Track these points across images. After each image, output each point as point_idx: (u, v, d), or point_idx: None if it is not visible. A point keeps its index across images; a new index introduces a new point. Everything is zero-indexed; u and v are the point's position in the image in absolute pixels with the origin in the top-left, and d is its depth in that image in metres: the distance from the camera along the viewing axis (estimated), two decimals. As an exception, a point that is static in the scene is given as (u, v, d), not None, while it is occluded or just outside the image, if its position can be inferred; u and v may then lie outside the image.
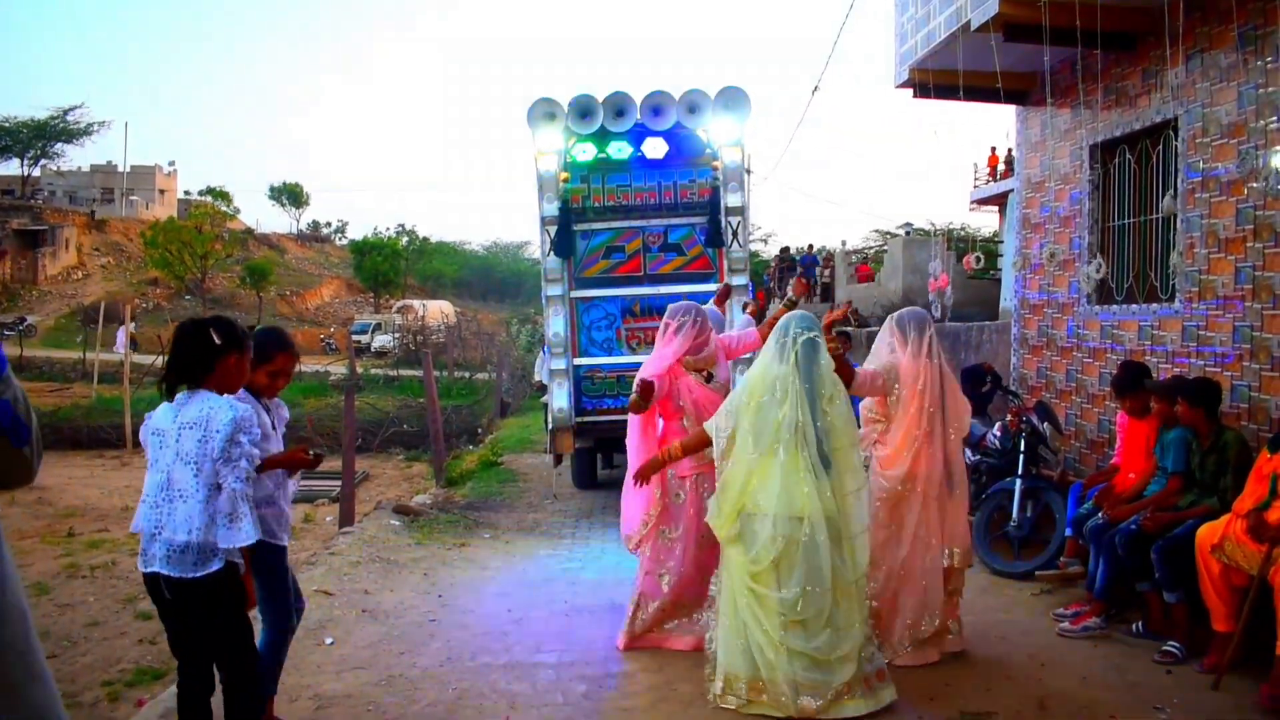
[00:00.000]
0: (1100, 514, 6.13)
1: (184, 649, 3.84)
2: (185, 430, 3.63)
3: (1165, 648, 5.38)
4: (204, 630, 3.73)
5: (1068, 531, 6.81)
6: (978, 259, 18.31)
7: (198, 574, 3.59)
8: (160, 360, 29.33)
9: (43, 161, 57.75)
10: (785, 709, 4.51)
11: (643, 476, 5.28)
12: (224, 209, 63.31)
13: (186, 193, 73.94)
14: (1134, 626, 5.80)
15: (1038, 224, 9.11)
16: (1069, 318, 8.53)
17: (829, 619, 4.57)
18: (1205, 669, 5.10)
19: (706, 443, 5.02)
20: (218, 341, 3.71)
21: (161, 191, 70.27)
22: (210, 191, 70.28)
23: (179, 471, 3.62)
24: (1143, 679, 5.11)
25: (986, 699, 4.82)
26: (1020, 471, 7.42)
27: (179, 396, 3.70)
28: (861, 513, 4.81)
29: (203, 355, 3.71)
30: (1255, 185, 6.21)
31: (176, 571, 3.59)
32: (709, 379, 5.71)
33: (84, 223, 58.80)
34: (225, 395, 3.73)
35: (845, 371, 5.22)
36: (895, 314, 5.70)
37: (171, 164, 74.04)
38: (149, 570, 3.67)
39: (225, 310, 50.20)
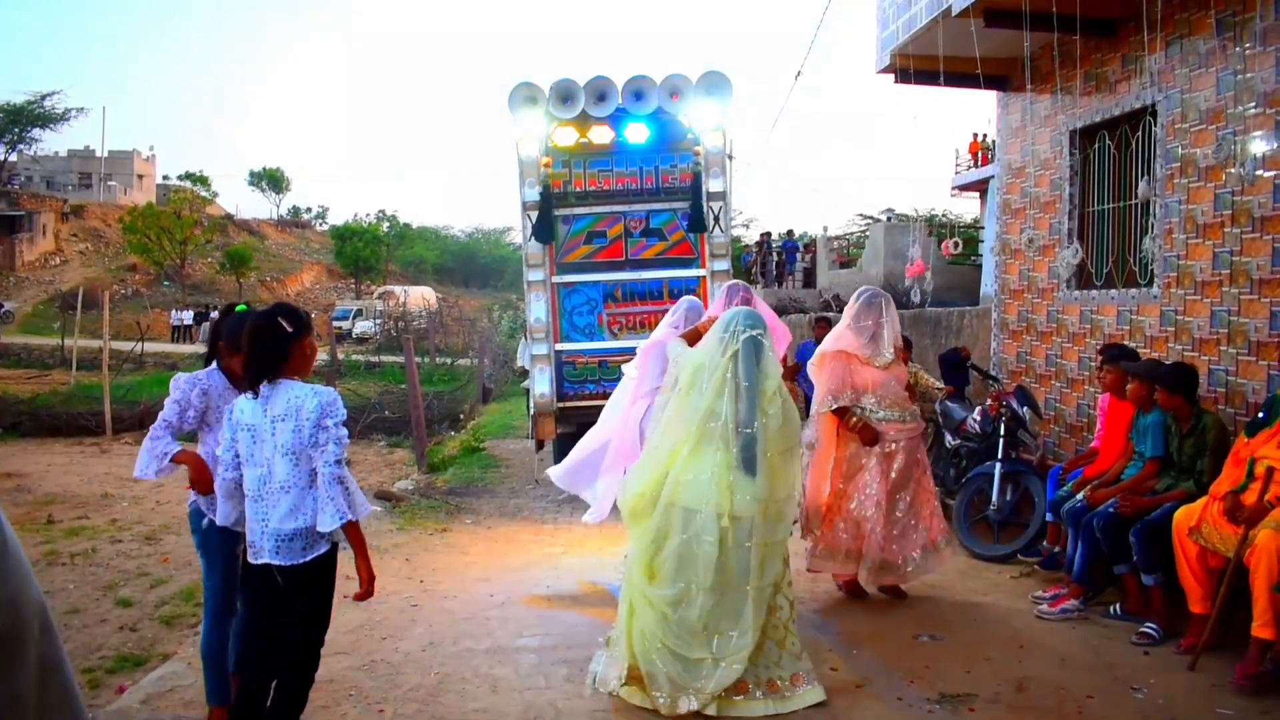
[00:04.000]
0: (1079, 497, 6.18)
1: (270, 634, 3.92)
2: (279, 423, 3.72)
3: (1143, 629, 5.44)
4: (305, 612, 3.86)
5: (1047, 515, 6.86)
6: (956, 244, 18.34)
7: (306, 558, 3.73)
8: (140, 347, 29.24)
9: (19, 147, 57.19)
10: (656, 704, 4.43)
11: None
12: (203, 194, 62.95)
13: (165, 178, 73.47)
14: (1112, 608, 5.86)
15: (1018, 209, 9.14)
16: (1048, 303, 8.57)
17: (715, 623, 4.47)
18: (1182, 650, 5.15)
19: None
20: (289, 329, 3.79)
21: (140, 177, 69.74)
22: (189, 177, 69.90)
23: (279, 464, 3.71)
24: (1120, 660, 5.16)
25: (966, 681, 4.86)
26: (1000, 455, 7.46)
27: (264, 390, 3.76)
28: (786, 522, 4.71)
29: (278, 345, 3.78)
30: (1233, 171, 6.25)
31: (287, 560, 3.72)
32: None
33: (61, 208, 58.27)
34: (304, 381, 3.84)
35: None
36: (880, 294, 6.35)
37: (150, 149, 73.59)
38: (259, 561, 3.77)
39: (205, 297, 50.01)
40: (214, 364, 4.34)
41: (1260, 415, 5.31)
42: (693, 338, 5.22)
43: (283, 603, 3.83)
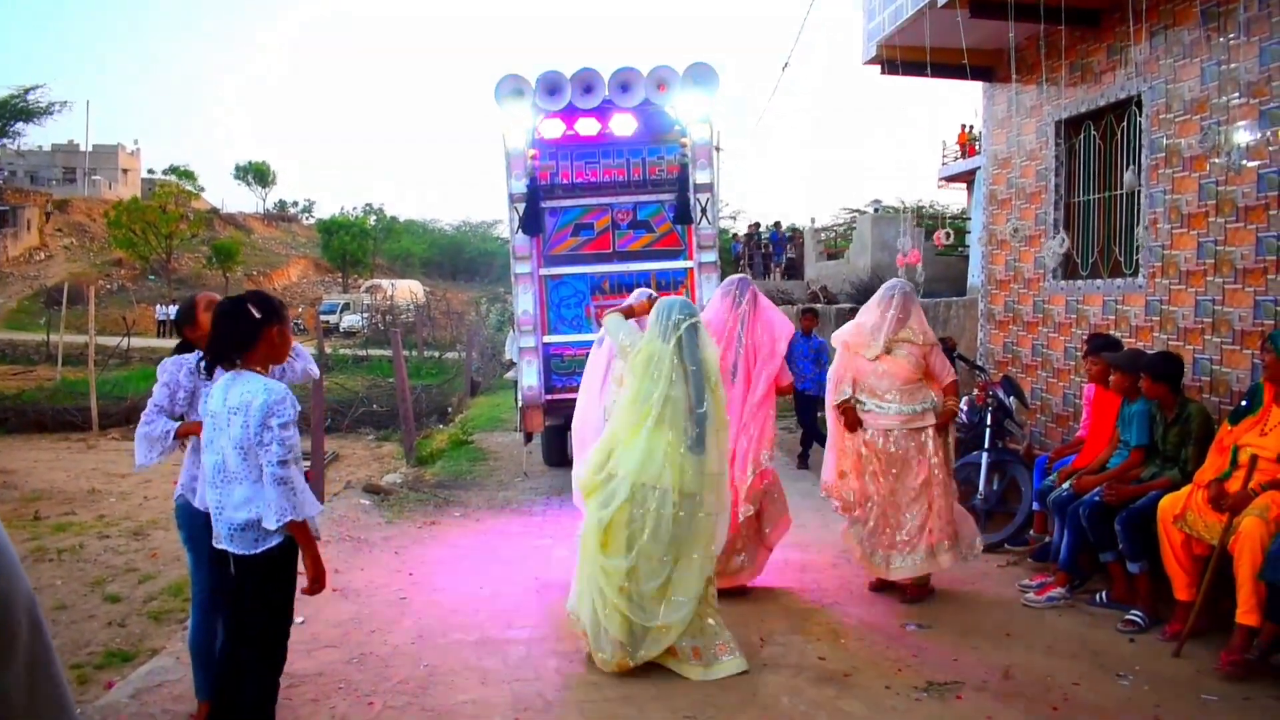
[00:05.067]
0: (1065, 486, 6.22)
1: (227, 628, 3.98)
2: (233, 415, 3.70)
3: (1128, 616, 5.48)
4: (257, 604, 3.83)
5: (1034, 504, 6.89)
6: (947, 235, 18.40)
7: (257, 550, 3.72)
8: (126, 342, 29.11)
9: (2, 141, 56.76)
10: (604, 665, 4.87)
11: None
12: (189, 188, 62.59)
13: (150, 172, 73.06)
14: (1098, 596, 5.90)
15: (1004, 200, 9.17)
16: (1034, 293, 8.60)
17: (664, 590, 4.85)
18: (1167, 637, 5.20)
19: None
20: (257, 315, 3.76)
21: (125, 171, 69.30)
22: (175, 170, 69.50)
23: (231, 455, 3.71)
24: (1106, 647, 5.20)
25: (953, 669, 4.89)
26: (987, 445, 7.50)
27: (226, 377, 3.76)
28: (723, 496, 5.13)
29: (245, 331, 3.76)
30: (1217, 161, 6.28)
31: (240, 549, 3.72)
32: None
33: (45, 203, 57.93)
34: (266, 374, 3.81)
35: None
36: (905, 285, 6.26)
37: (135, 143, 73.15)
38: (219, 547, 3.80)
39: (191, 291, 49.76)
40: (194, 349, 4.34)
41: (1244, 403, 5.35)
42: (626, 314, 5.52)
43: (238, 590, 3.84)
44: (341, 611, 5.93)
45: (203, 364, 3.86)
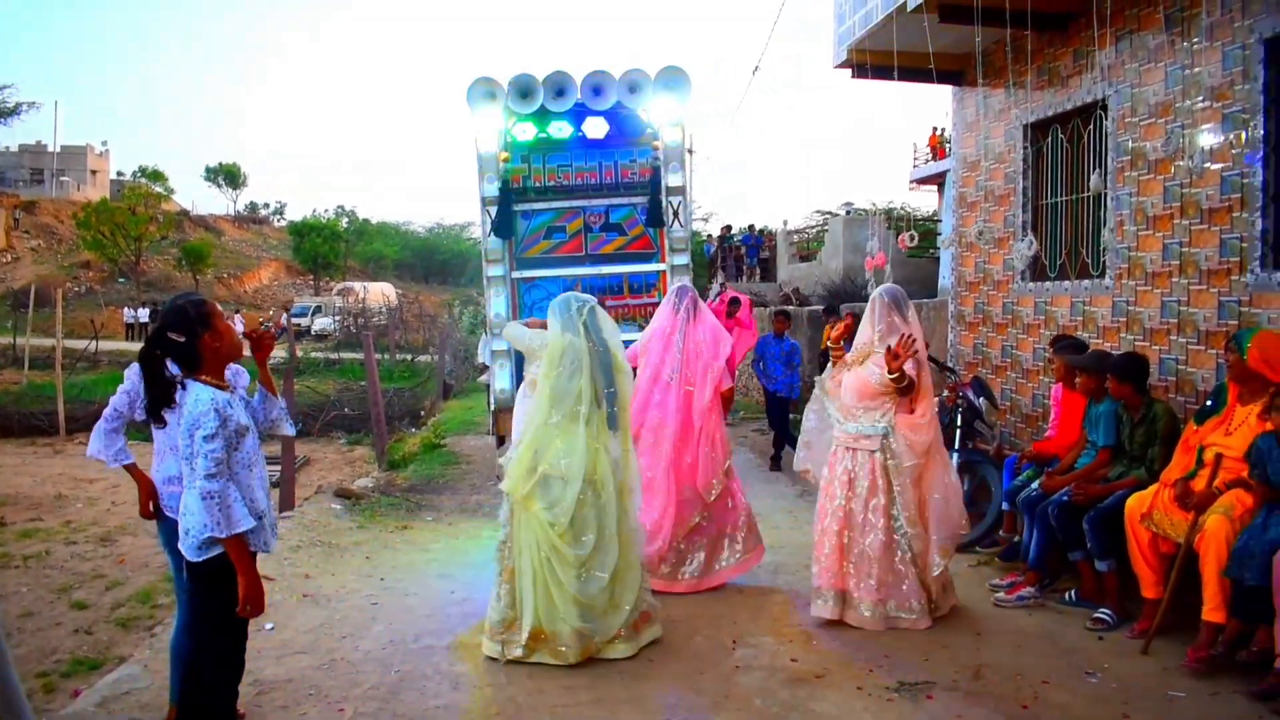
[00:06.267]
0: (1034, 486, 6.27)
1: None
2: (176, 425, 3.72)
3: (1097, 615, 5.53)
4: (204, 611, 3.83)
5: (1004, 504, 6.94)
6: (912, 237, 18.47)
7: (199, 558, 3.65)
8: (94, 345, 28.80)
9: (-33, 142, 56.16)
10: (564, 658, 4.97)
11: None
12: (158, 190, 61.97)
13: (119, 173, 72.41)
14: (1067, 595, 5.95)
15: (973, 202, 9.24)
16: (1004, 294, 8.67)
17: (614, 571, 5.08)
18: (1135, 634, 5.25)
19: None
20: (180, 340, 3.72)
21: (93, 172, 68.65)
22: (144, 172, 68.84)
23: (179, 462, 3.74)
24: (1075, 645, 5.25)
25: (924, 669, 4.92)
26: (957, 446, 7.54)
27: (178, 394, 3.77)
28: (634, 470, 5.40)
29: (183, 357, 3.74)
30: (1181, 163, 6.36)
31: (189, 554, 3.67)
32: None
33: (12, 205, 57.26)
34: (222, 381, 3.80)
35: (908, 381, 5.45)
36: (887, 291, 5.85)
37: (104, 144, 72.40)
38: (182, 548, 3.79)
39: (161, 294, 49.35)
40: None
41: (1209, 403, 5.43)
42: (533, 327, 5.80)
43: (191, 594, 3.85)
44: (312, 617, 5.90)
45: (149, 417, 3.91)
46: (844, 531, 5.61)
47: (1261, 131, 5.78)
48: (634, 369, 6.60)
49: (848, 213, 28.34)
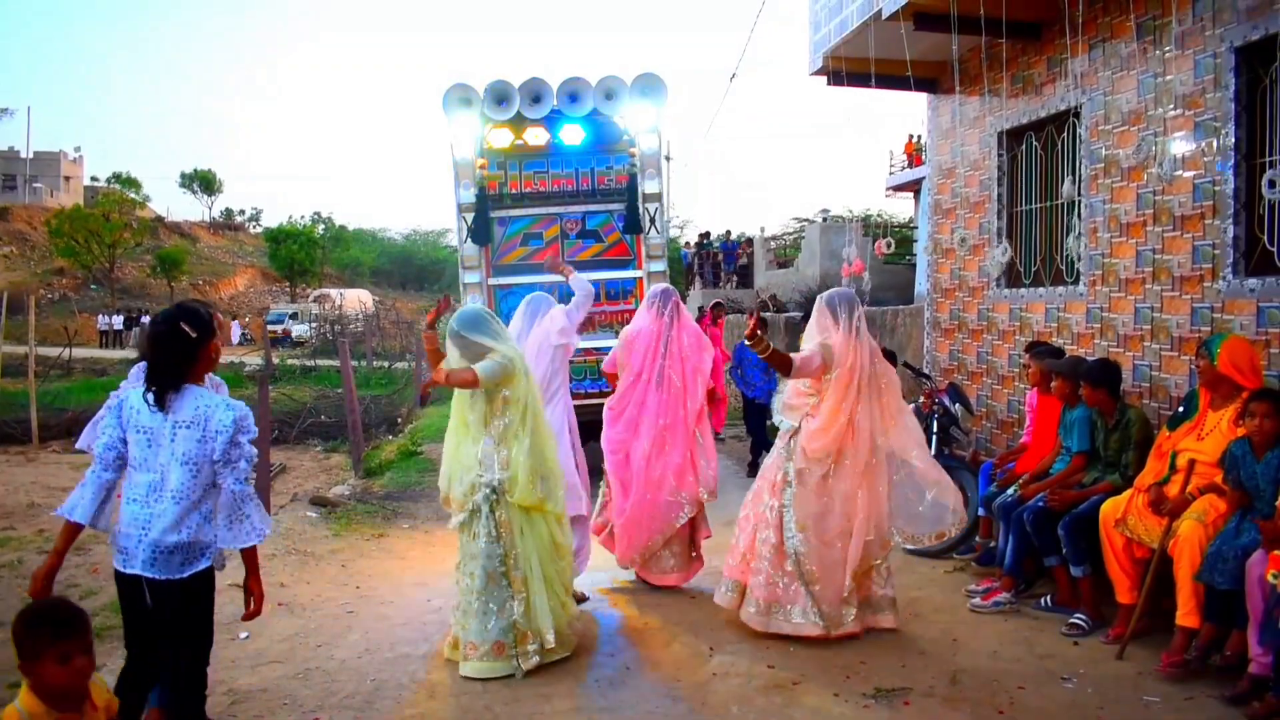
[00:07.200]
0: (1009, 492, 6.29)
1: (141, 644, 3.73)
2: (181, 430, 3.55)
3: (1072, 620, 5.55)
4: (176, 629, 3.64)
5: (979, 510, 6.97)
6: (889, 244, 18.54)
7: (183, 574, 3.54)
8: (68, 352, 28.53)
9: (-61, 148, 55.70)
10: (561, 652, 5.14)
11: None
12: (133, 196, 61.56)
13: (93, 179, 71.89)
14: (1043, 600, 5.97)
15: (949, 209, 9.28)
16: (979, 301, 8.71)
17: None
18: (1110, 640, 5.28)
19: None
20: (193, 335, 3.67)
21: (67, 178, 68.12)
22: (118, 178, 68.35)
23: (176, 472, 3.54)
24: (1051, 651, 5.27)
25: (900, 675, 4.92)
26: (933, 452, 7.55)
27: (145, 390, 3.63)
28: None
29: (184, 352, 3.66)
30: (1154, 171, 6.40)
31: (161, 574, 3.52)
32: None
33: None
34: (211, 389, 3.78)
35: (782, 360, 5.35)
36: (825, 295, 5.75)
37: (77, 150, 71.79)
38: (129, 571, 3.57)
39: (135, 301, 49.02)
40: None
41: (1181, 409, 5.47)
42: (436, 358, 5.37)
43: (149, 617, 3.60)
44: (287, 626, 5.85)
45: (148, 394, 3.62)
46: (757, 526, 5.66)
47: (1233, 139, 5.83)
48: (613, 376, 6.63)
49: (825, 219, 28.48)
